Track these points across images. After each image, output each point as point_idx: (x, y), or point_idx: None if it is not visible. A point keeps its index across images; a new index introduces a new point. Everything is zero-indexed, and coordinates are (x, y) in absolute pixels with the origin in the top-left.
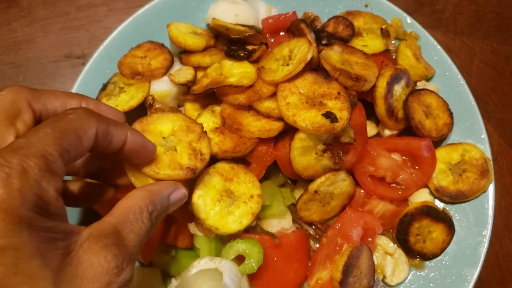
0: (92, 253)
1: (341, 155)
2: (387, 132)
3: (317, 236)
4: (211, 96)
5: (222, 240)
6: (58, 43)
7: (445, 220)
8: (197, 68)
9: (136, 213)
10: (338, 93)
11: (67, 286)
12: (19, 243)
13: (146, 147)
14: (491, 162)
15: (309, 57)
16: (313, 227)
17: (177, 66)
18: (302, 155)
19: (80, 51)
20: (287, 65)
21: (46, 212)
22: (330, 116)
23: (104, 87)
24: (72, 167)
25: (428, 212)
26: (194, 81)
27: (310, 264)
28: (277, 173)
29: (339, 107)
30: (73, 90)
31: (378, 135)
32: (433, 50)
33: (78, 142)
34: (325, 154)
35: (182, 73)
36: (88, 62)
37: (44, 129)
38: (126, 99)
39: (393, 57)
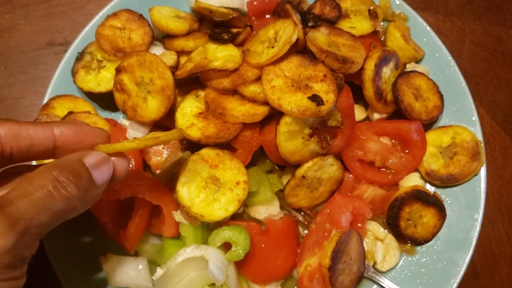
0: None
1: (329, 139)
2: (376, 116)
3: (305, 223)
4: (195, 81)
5: (209, 228)
6: (40, 30)
7: (436, 204)
8: (180, 52)
9: (31, 178)
10: (324, 76)
11: None
12: None
13: (85, 133)
14: (482, 145)
15: (294, 38)
16: (302, 213)
17: (159, 50)
18: (289, 140)
19: (62, 38)
20: (273, 47)
21: None
22: (316, 99)
23: (80, 56)
24: None
25: (418, 196)
26: (176, 67)
27: (299, 250)
28: (264, 159)
29: (325, 89)
30: (55, 77)
31: (367, 119)
32: (422, 31)
33: None
34: (312, 138)
35: (165, 58)
36: (70, 49)
37: None
38: (108, 77)
39: (382, 39)
